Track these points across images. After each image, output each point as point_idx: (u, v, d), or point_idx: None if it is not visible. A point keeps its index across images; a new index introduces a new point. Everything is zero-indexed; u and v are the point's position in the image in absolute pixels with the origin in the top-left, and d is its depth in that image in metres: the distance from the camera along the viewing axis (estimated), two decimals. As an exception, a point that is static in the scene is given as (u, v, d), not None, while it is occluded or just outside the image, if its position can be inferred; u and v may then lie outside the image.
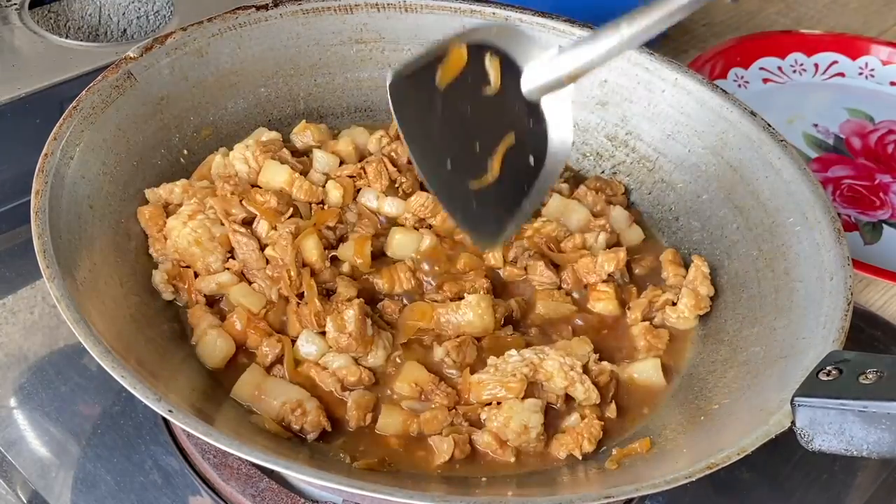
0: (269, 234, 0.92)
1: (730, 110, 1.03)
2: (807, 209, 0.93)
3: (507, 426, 0.82)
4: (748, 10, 1.68)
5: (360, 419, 0.83)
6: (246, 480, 0.85)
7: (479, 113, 0.85)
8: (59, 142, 0.87)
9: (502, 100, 0.85)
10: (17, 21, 1.21)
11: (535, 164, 0.85)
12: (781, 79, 1.47)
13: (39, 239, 0.79)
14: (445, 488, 0.79)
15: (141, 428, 0.91)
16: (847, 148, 1.37)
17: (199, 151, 1.02)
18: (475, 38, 0.85)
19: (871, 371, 0.68)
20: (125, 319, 0.83)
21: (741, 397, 0.83)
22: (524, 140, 0.86)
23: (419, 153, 0.83)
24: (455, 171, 0.83)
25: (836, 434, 0.69)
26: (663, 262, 1.01)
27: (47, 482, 0.87)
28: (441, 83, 0.83)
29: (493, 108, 0.85)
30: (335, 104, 1.12)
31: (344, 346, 0.85)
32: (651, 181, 1.08)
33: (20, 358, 0.97)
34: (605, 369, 0.88)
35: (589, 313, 0.96)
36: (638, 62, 1.08)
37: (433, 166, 0.83)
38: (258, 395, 0.83)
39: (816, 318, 0.84)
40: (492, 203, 0.85)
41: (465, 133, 0.84)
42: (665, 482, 0.71)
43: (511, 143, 0.85)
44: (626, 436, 0.86)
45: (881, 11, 1.69)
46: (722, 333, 0.93)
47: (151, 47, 0.99)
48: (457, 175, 0.83)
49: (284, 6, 1.07)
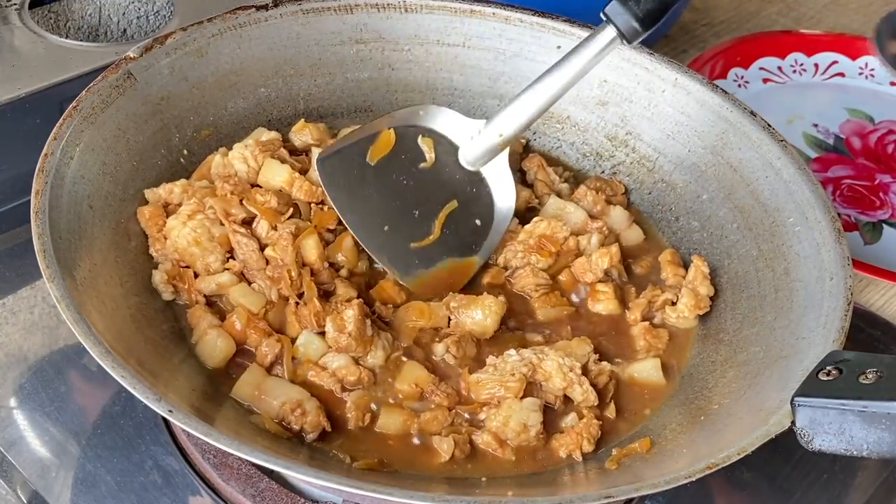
0: (269, 234, 0.92)
1: (730, 110, 1.03)
2: (807, 209, 0.93)
3: (507, 425, 0.82)
4: (748, 10, 1.68)
5: (359, 419, 0.83)
6: (246, 480, 0.85)
7: (418, 184, 0.95)
8: (59, 142, 0.87)
9: (440, 172, 0.95)
10: (17, 21, 1.21)
11: (482, 224, 0.96)
12: (781, 79, 1.47)
13: (39, 239, 0.79)
14: (445, 488, 0.79)
15: (141, 428, 0.91)
16: (847, 148, 1.37)
17: (199, 151, 1.02)
18: (403, 122, 0.97)
19: (871, 371, 0.68)
20: (125, 319, 0.83)
21: (741, 397, 0.83)
22: (468, 205, 0.96)
23: (354, 221, 0.91)
24: (393, 234, 0.92)
25: (836, 434, 0.69)
26: (663, 262, 1.01)
27: (47, 482, 0.87)
28: (372, 160, 0.94)
29: (431, 180, 0.96)
30: (335, 104, 1.12)
31: (343, 345, 0.85)
32: (651, 181, 1.08)
33: (20, 358, 0.97)
34: (604, 370, 0.89)
35: (589, 313, 0.96)
36: (638, 62, 1.08)
37: (369, 232, 0.92)
38: (258, 395, 0.83)
39: (816, 318, 0.84)
40: (436, 258, 0.94)
41: (402, 202, 0.94)
42: (665, 482, 0.71)
43: (454, 207, 0.95)
44: (625, 436, 0.86)
45: (881, 11, 1.69)
46: (722, 333, 0.93)
47: (151, 47, 0.99)
48: (395, 237, 0.92)
49: (284, 6, 1.07)
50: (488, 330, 0.90)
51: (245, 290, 0.90)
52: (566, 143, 1.13)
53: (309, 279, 0.89)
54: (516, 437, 0.83)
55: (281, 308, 0.89)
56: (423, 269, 0.93)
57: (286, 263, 0.89)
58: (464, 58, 1.13)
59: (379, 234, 0.92)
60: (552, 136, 1.14)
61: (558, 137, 1.13)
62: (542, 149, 1.14)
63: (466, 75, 1.13)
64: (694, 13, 1.64)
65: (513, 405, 0.83)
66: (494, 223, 0.96)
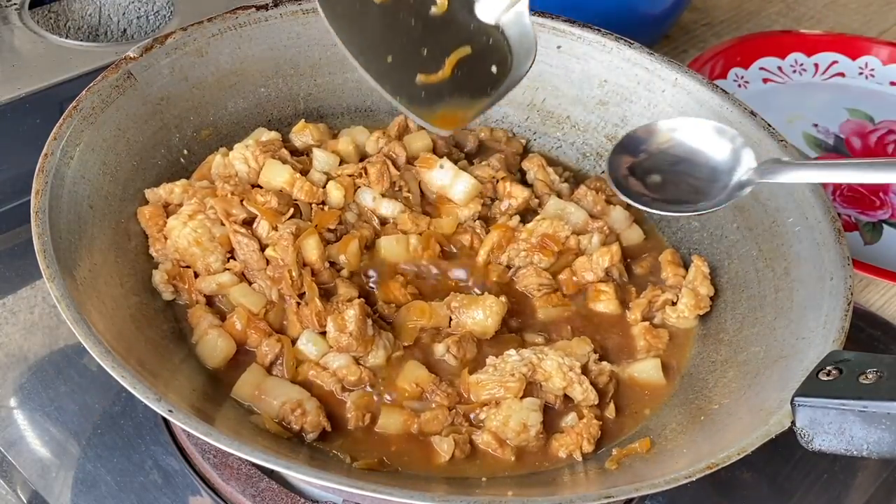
0: (269, 234, 0.92)
1: (730, 110, 1.03)
2: (807, 209, 0.93)
3: (506, 425, 0.82)
4: (748, 10, 1.68)
5: (359, 419, 0.83)
6: (246, 480, 0.85)
7: (427, 28, 0.84)
8: (59, 142, 0.87)
9: (453, 19, 0.85)
10: (17, 21, 1.21)
11: (498, 73, 0.85)
12: (781, 79, 1.47)
13: (39, 239, 0.79)
14: (445, 488, 0.79)
15: (141, 428, 0.91)
16: (847, 148, 1.37)
17: (199, 151, 1.02)
18: None
19: (871, 371, 0.68)
20: (125, 319, 0.83)
21: (741, 397, 0.83)
22: (483, 53, 0.85)
23: (353, 47, 0.82)
24: (397, 65, 0.82)
25: (836, 434, 0.69)
26: (663, 263, 1.01)
27: (47, 482, 0.87)
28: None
29: (442, 25, 0.85)
30: (335, 104, 1.12)
31: (344, 345, 0.85)
32: (651, 181, 1.08)
33: (20, 358, 0.97)
34: (604, 369, 0.89)
35: (589, 313, 0.96)
36: (638, 62, 1.08)
37: (369, 59, 0.82)
38: (258, 395, 0.83)
39: (816, 318, 0.84)
40: (445, 95, 0.84)
41: (409, 40, 0.84)
42: (665, 482, 0.71)
43: (466, 53, 0.85)
44: (626, 436, 0.86)
45: (881, 11, 1.69)
46: (722, 333, 0.93)
47: (151, 47, 0.99)
48: (400, 69, 0.82)
49: (284, 6, 1.07)
50: (489, 330, 0.90)
51: (245, 291, 0.90)
52: (566, 143, 1.13)
53: (310, 279, 0.89)
54: (516, 437, 0.83)
55: (281, 308, 0.90)
56: (428, 106, 0.83)
57: (287, 264, 0.89)
58: (464, 58, 1.12)
59: (381, 63, 0.83)
60: (552, 136, 1.14)
61: (558, 137, 1.14)
62: (542, 149, 1.14)
63: (466, 75, 1.13)
64: (694, 13, 1.64)
65: (513, 405, 0.83)
66: (511, 73, 0.86)
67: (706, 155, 0.88)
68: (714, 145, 0.88)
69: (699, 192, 0.87)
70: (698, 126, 0.90)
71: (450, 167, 1.02)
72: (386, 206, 0.99)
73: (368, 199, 0.99)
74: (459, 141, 1.11)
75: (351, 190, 0.99)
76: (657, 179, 0.89)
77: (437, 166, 1.02)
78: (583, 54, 1.09)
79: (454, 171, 1.02)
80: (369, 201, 0.99)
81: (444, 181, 1.02)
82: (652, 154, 0.90)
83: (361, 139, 1.06)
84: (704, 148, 0.88)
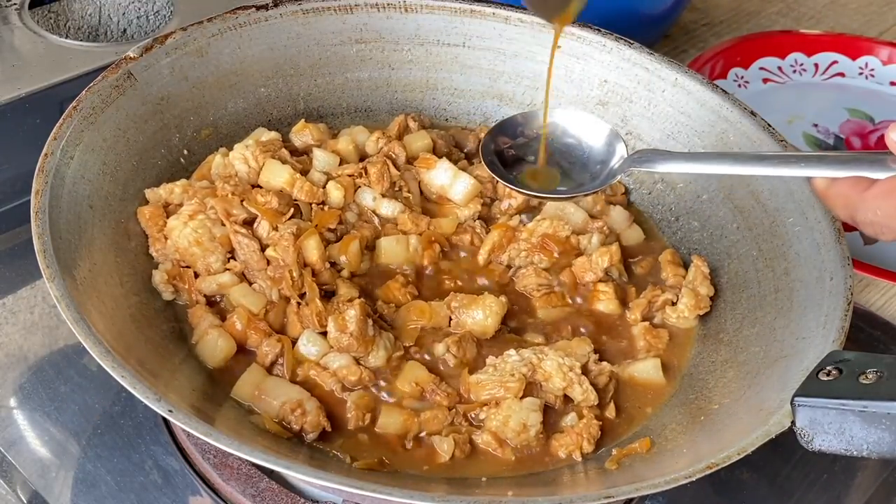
0: (270, 234, 0.92)
1: (730, 110, 1.03)
2: (807, 209, 0.93)
3: (506, 425, 0.82)
4: (748, 10, 1.68)
5: (359, 419, 0.83)
6: (246, 480, 0.85)
7: None
8: (59, 142, 0.87)
9: None
10: (17, 21, 1.22)
11: None
12: (781, 79, 1.47)
13: (39, 239, 0.79)
14: (445, 488, 0.79)
15: (141, 428, 0.91)
16: (847, 148, 1.37)
17: (199, 151, 1.02)
18: None
19: (871, 371, 0.68)
20: (125, 319, 0.83)
21: (741, 397, 0.83)
22: None
23: None
24: None
25: (836, 434, 0.69)
26: (663, 263, 1.01)
27: (47, 482, 0.87)
28: None
29: None
30: (335, 104, 1.12)
31: (345, 345, 0.85)
32: (651, 181, 1.08)
33: (20, 358, 0.97)
34: (604, 369, 0.89)
35: (589, 313, 0.96)
36: (638, 62, 1.08)
37: None
38: (258, 395, 0.83)
39: (816, 318, 0.84)
40: None
41: None
42: (665, 482, 0.71)
43: None
44: (626, 436, 0.86)
45: (881, 11, 1.69)
46: (722, 333, 0.93)
47: (151, 47, 0.99)
48: None
49: (284, 6, 1.07)
50: (489, 330, 0.90)
51: (246, 291, 0.90)
52: (566, 143, 1.13)
53: (310, 279, 0.89)
54: (516, 437, 0.83)
55: (281, 308, 0.90)
56: None
57: (287, 264, 0.89)
58: (464, 58, 1.13)
59: None
60: (552, 136, 1.14)
61: (558, 137, 1.14)
62: (542, 149, 1.14)
63: (466, 75, 1.13)
64: (694, 13, 1.64)
65: (513, 405, 0.83)
66: None
67: (581, 144, 0.92)
68: (589, 135, 0.92)
69: (571, 178, 0.92)
70: (574, 116, 0.94)
71: (449, 167, 1.02)
72: (386, 206, 0.99)
73: (368, 199, 0.99)
74: (459, 141, 1.11)
75: (351, 190, 0.99)
76: (531, 161, 0.93)
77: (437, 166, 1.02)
78: (583, 54, 1.09)
79: (454, 171, 1.02)
80: (369, 201, 0.99)
81: (443, 181, 1.02)
82: (529, 139, 0.94)
83: (361, 139, 1.06)
84: (580, 137, 0.92)
